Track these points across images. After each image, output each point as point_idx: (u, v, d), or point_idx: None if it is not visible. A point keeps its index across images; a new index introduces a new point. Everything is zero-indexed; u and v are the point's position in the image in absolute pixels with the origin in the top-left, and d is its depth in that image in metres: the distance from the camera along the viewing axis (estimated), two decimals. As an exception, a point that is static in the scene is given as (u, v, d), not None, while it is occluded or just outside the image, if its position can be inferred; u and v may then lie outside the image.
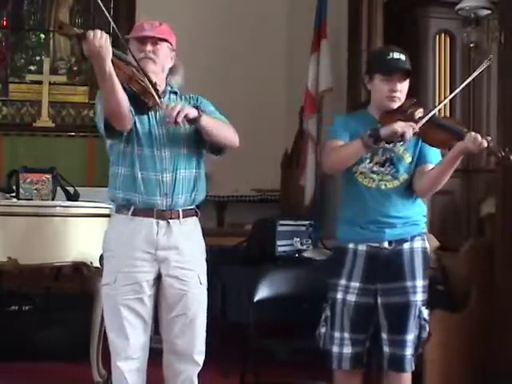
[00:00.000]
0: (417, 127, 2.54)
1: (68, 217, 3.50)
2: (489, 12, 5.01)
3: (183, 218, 2.61)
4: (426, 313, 2.69)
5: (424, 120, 2.58)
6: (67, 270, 4.56)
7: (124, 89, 2.40)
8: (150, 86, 2.42)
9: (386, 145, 2.61)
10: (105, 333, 2.83)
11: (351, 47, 5.69)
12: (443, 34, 5.54)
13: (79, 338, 3.94)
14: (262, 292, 3.41)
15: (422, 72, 5.45)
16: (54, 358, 4.12)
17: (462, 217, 5.45)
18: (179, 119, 2.43)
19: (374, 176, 2.67)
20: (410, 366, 2.68)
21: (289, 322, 2.91)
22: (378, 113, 2.70)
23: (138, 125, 2.56)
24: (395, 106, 2.66)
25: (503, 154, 2.50)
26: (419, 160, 2.69)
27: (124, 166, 2.58)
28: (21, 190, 3.61)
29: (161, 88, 2.56)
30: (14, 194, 3.65)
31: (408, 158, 2.69)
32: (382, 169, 2.67)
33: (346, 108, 5.46)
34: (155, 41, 2.60)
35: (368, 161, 2.68)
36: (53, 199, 3.65)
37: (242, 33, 6.72)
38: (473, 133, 2.51)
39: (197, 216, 2.69)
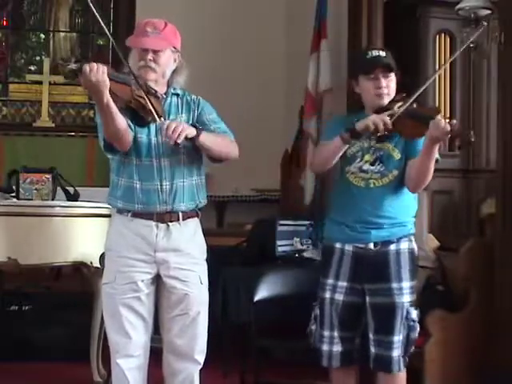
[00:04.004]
0: (388, 120, 2.53)
1: (68, 217, 3.50)
2: (489, 12, 5.00)
3: (183, 220, 2.60)
4: (414, 313, 2.68)
5: (398, 113, 2.55)
6: (67, 269, 4.56)
7: (122, 108, 2.39)
8: (149, 102, 2.40)
9: (372, 138, 2.63)
10: (105, 333, 2.83)
11: (351, 47, 5.68)
12: (443, 34, 5.55)
13: (79, 338, 3.94)
14: (262, 292, 3.42)
15: (422, 72, 5.45)
16: (54, 358, 4.13)
17: (461, 217, 5.44)
18: (179, 140, 2.41)
19: (364, 175, 2.69)
20: (397, 366, 2.67)
21: (289, 321, 2.91)
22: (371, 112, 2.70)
23: (137, 135, 2.55)
24: (385, 101, 2.66)
25: (467, 136, 2.47)
26: (409, 155, 2.68)
27: (123, 176, 2.58)
28: (21, 190, 3.61)
29: (161, 92, 2.55)
30: (14, 194, 3.65)
31: (397, 155, 2.69)
32: (372, 167, 2.69)
33: (347, 108, 5.45)
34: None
35: (358, 160, 2.70)
36: (53, 199, 3.65)
37: (241, 33, 6.71)
38: (437, 118, 2.47)
39: (197, 217, 2.68)
